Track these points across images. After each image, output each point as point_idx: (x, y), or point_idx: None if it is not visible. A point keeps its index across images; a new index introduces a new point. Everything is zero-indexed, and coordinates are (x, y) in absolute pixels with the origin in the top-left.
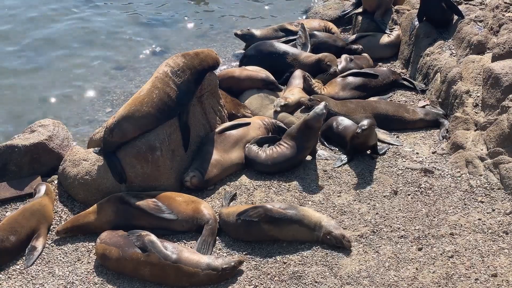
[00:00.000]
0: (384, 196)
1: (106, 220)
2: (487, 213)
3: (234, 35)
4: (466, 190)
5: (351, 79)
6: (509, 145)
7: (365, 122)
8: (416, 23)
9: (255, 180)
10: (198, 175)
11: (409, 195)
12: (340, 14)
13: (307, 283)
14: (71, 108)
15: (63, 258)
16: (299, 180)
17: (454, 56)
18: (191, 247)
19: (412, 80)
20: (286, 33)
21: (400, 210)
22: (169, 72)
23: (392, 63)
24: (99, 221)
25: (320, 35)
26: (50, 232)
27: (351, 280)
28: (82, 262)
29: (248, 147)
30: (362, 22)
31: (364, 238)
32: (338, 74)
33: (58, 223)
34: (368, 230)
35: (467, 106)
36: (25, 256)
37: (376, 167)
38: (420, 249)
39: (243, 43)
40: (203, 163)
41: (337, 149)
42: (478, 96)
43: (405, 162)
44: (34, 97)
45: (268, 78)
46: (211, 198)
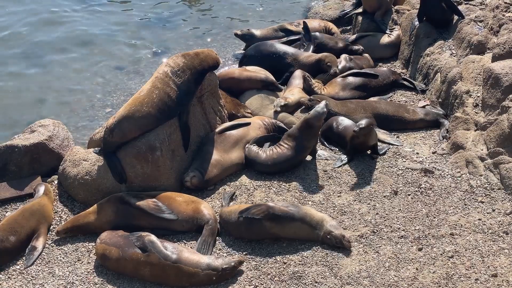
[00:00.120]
0: (384, 196)
1: (106, 220)
2: (487, 213)
3: (234, 35)
4: (466, 190)
5: (351, 79)
6: (509, 145)
7: (363, 122)
8: (416, 23)
9: (255, 180)
10: (198, 175)
11: (409, 195)
12: (340, 14)
13: (307, 283)
14: (71, 108)
15: (63, 258)
16: (299, 180)
17: (454, 56)
18: (191, 247)
19: (412, 80)
20: (286, 33)
21: (400, 210)
22: (169, 72)
23: (392, 63)
24: (99, 221)
25: (321, 36)
26: (50, 232)
27: (351, 280)
28: (82, 262)
29: (248, 147)
30: (362, 22)
31: (364, 238)
32: (338, 75)
33: (58, 223)
34: (368, 230)
35: (467, 106)
36: (25, 256)
37: (376, 167)
38: (420, 249)
39: (243, 43)
40: (203, 163)
41: (337, 149)
42: (478, 96)
43: (405, 162)
44: (34, 97)
45: (267, 78)
46: (211, 198)
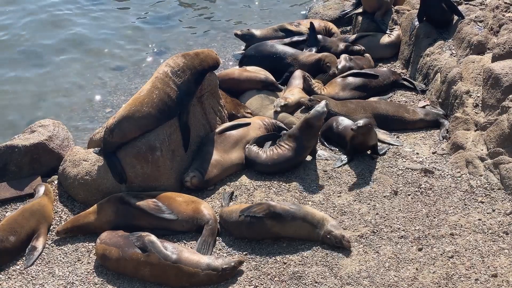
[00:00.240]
0: (384, 197)
1: (106, 220)
2: (487, 213)
3: (234, 35)
4: (466, 190)
5: (351, 80)
6: (509, 145)
7: (361, 120)
8: (416, 23)
9: (255, 180)
10: (198, 175)
11: (409, 195)
12: (340, 14)
13: (307, 284)
14: (71, 109)
15: (63, 258)
16: (299, 180)
17: (454, 56)
18: (191, 247)
19: (412, 80)
20: (286, 33)
21: (400, 210)
22: (169, 72)
23: (392, 63)
24: (99, 221)
25: (324, 40)
26: (50, 232)
27: (351, 281)
28: (82, 262)
29: (248, 147)
30: (362, 22)
31: (364, 239)
32: (338, 75)
33: (58, 223)
34: (368, 231)
35: (467, 106)
36: (25, 256)
37: (376, 167)
38: (420, 249)
39: (243, 43)
40: (203, 163)
41: (337, 149)
42: (478, 97)
43: (405, 162)
44: (34, 97)
45: (267, 79)
46: (211, 198)
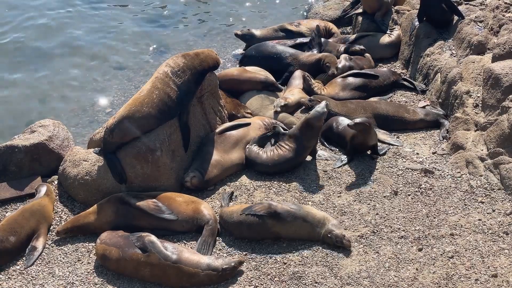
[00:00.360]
0: (384, 197)
1: (106, 220)
2: (487, 213)
3: (234, 35)
4: (466, 190)
5: (351, 80)
6: (509, 145)
7: (359, 118)
8: (416, 23)
9: (255, 181)
10: (198, 175)
11: (409, 195)
12: (340, 15)
13: (307, 284)
14: (71, 109)
15: (63, 258)
16: (299, 181)
17: (454, 56)
18: (191, 248)
19: (412, 81)
20: (286, 33)
21: (400, 210)
22: (169, 72)
23: (392, 64)
24: (99, 221)
25: (326, 43)
26: (50, 233)
27: (351, 281)
28: (82, 262)
29: (248, 147)
30: (362, 22)
31: (364, 239)
32: (337, 75)
33: (58, 223)
34: (368, 231)
35: (467, 107)
36: (25, 257)
37: (376, 168)
38: (420, 249)
39: (243, 43)
40: (203, 163)
41: (337, 149)
42: (478, 97)
43: (405, 162)
44: (34, 97)
45: (267, 79)
46: (211, 199)
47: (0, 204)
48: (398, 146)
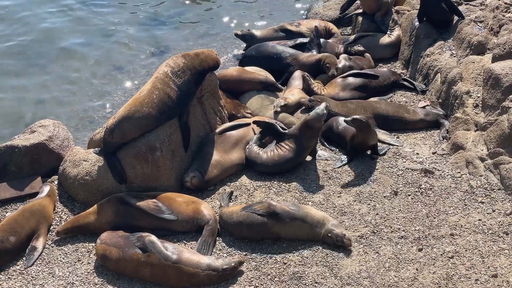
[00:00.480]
0: (384, 197)
1: (106, 220)
2: (487, 213)
3: (234, 36)
4: (466, 190)
5: (351, 80)
6: (509, 145)
7: (357, 115)
8: (416, 23)
9: (255, 181)
10: (198, 175)
11: (409, 195)
12: (340, 15)
13: (307, 284)
14: (71, 109)
15: (63, 258)
16: (299, 181)
17: (454, 56)
18: (191, 248)
19: (412, 81)
20: (286, 33)
21: (400, 210)
22: (169, 72)
23: (392, 64)
24: (99, 221)
25: (325, 44)
26: (50, 233)
27: (351, 281)
28: (82, 262)
29: (249, 148)
30: (362, 22)
31: (364, 239)
32: (336, 76)
33: (58, 223)
34: (368, 231)
35: (467, 107)
36: (25, 257)
37: (376, 168)
38: (420, 249)
39: (243, 44)
40: (203, 163)
41: (337, 149)
42: (479, 97)
43: (405, 162)
44: (34, 97)
45: (267, 80)
46: (211, 199)
47: (0, 204)
48: (398, 146)
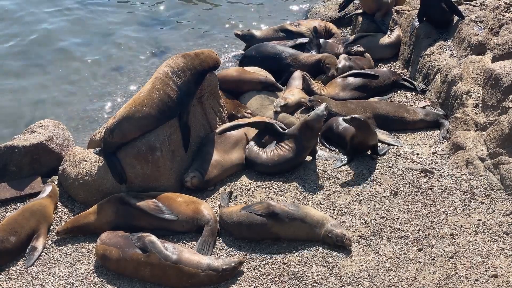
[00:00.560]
0: (384, 197)
1: (106, 220)
2: (487, 213)
3: (234, 36)
4: (466, 190)
5: (351, 80)
6: (509, 145)
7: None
8: (416, 23)
9: (255, 181)
10: (198, 175)
11: (409, 195)
12: (340, 15)
13: (307, 284)
14: (71, 109)
15: (63, 258)
16: (299, 181)
17: (455, 56)
18: (191, 248)
19: (412, 81)
20: (286, 33)
21: (400, 210)
22: (169, 72)
23: (392, 64)
24: (99, 221)
25: (324, 45)
26: (50, 233)
27: (351, 281)
28: (82, 262)
29: (249, 148)
30: (362, 22)
31: (364, 239)
32: (336, 76)
33: (58, 223)
34: (368, 231)
35: (467, 107)
36: (25, 257)
37: (376, 168)
38: (420, 249)
39: (243, 44)
40: (203, 163)
41: (337, 149)
42: (479, 97)
43: (405, 162)
44: (34, 98)
45: (267, 80)
46: (211, 199)
47: (0, 204)
48: (398, 146)
